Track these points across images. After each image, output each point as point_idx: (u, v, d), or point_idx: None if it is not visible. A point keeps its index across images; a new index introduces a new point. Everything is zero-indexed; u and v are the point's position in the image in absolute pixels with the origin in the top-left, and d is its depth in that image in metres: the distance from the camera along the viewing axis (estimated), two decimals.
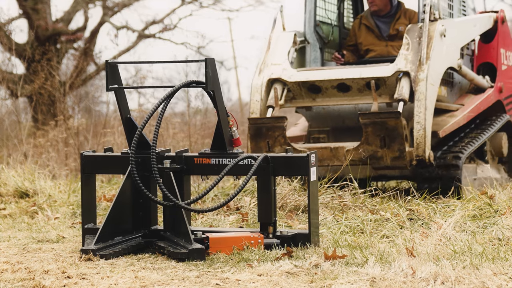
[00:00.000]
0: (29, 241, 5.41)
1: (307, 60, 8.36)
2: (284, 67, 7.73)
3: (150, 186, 4.92)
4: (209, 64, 4.70)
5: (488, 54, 8.88)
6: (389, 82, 7.32)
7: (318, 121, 8.12)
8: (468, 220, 5.27)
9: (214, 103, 4.83)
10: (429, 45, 7.31)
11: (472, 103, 8.25)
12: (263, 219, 4.90)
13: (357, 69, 7.49)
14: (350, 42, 8.57)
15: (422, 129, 7.06)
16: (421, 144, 7.05)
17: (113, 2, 20.40)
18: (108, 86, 4.90)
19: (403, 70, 7.25)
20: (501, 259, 4.25)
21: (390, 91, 7.36)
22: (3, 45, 15.26)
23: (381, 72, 7.36)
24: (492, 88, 8.61)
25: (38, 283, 3.96)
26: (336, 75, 7.52)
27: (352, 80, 7.45)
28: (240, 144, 5.01)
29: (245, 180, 4.68)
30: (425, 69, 7.19)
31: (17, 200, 7.47)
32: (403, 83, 7.20)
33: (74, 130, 12.44)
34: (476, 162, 8.31)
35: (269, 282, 3.87)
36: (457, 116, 7.92)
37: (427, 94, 7.12)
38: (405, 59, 7.30)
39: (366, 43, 8.37)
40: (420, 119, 7.08)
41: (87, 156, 5.10)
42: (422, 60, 7.23)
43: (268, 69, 7.74)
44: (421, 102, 7.12)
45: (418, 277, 3.83)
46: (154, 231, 5.01)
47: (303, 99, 7.74)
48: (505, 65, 9.01)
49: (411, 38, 7.44)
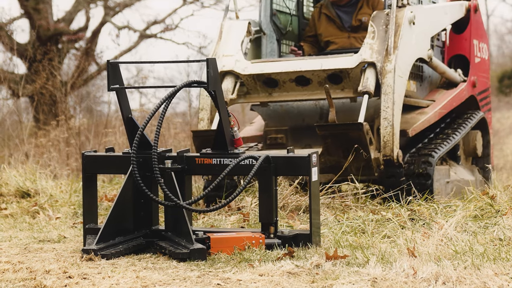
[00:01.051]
0: (30, 241, 5.42)
1: (263, 52, 7.65)
2: (237, 58, 7.02)
3: (152, 186, 4.92)
4: (211, 64, 4.70)
5: (460, 45, 8.24)
6: (353, 74, 6.66)
7: (275, 120, 7.39)
8: (469, 220, 5.27)
9: (216, 103, 4.83)
10: (397, 33, 6.64)
11: (443, 99, 7.60)
12: (264, 219, 4.90)
13: (318, 60, 6.83)
14: (309, 33, 7.85)
15: (389, 126, 6.38)
16: (388, 142, 6.38)
17: (115, 2, 20.43)
18: (109, 86, 4.90)
19: (368, 61, 6.57)
20: (502, 259, 4.25)
21: (354, 84, 6.69)
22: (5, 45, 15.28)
23: (344, 63, 6.67)
24: (465, 82, 7.97)
25: (39, 283, 3.96)
26: (295, 67, 6.82)
27: (312, 73, 6.77)
28: (241, 144, 5.01)
29: (247, 180, 4.68)
30: (392, 59, 6.53)
31: (19, 200, 7.48)
32: (368, 74, 6.53)
33: (75, 130, 12.45)
34: (449, 163, 7.68)
35: (270, 282, 3.87)
36: (428, 113, 7.25)
37: (395, 87, 6.47)
38: (371, 48, 6.64)
39: (327, 35, 7.68)
40: (388, 114, 6.41)
41: (88, 156, 5.10)
42: (389, 49, 6.57)
43: (219, 61, 6.97)
44: (389, 96, 6.45)
45: (420, 277, 3.82)
46: (156, 231, 5.01)
47: (258, 94, 7.04)
48: (478, 58, 8.37)
49: (377, 26, 6.76)
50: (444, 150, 7.07)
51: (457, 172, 7.59)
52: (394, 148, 6.37)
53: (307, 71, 6.76)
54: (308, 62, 6.84)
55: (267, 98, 7.03)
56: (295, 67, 6.79)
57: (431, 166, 6.72)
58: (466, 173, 7.86)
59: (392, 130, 6.36)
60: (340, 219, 5.61)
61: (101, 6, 20.30)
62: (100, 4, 20.33)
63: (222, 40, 7.21)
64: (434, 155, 6.83)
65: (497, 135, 21.45)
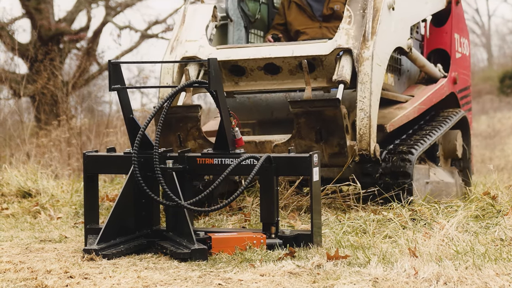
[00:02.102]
0: (31, 241, 5.42)
1: (230, 41, 7.09)
2: (201, 44, 6.47)
3: (153, 186, 4.92)
4: (212, 64, 4.70)
5: (440, 39, 7.73)
6: (326, 62, 6.10)
7: (242, 113, 6.69)
8: (470, 221, 5.26)
9: (217, 103, 4.83)
10: (375, 19, 6.11)
11: (423, 94, 7.05)
12: (265, 219, 4.89)
13: (289, 47, 6.24)
14: (279, 20, 7.30)
15: (366, 118, 5.87)
16: (365, 135, 5.87)
17: (116, 2, 20.44)
18: (110, 86, 4.90)
19: (344, 47, 6.03)
20: (503, 259, 4.25)
21: (328, 73, 6.14)
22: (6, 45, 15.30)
23: (317, 50, 6.12)
24: (445, 78, 7.46)
25: (41, 283, 3.96)
26: (263, 54, 6.23)
27: (283, 60, 6.20)
28: (243, 144, 5.01)
29: (248, 180, 4.68)
30: (370, 46, 5.99)
31: (20, 200, 7.48)
32: (344, 62, 5.99)
33: (76, 130, 12.46)
34: (427, 163, 7.11)
35: (271, 282, 3.88)
36: (407, 109, 6.69)
37: (372, 76, 5.93)
38: (347, 34, 6.10)
39: (297, 24, 7.15)
40: (364, 105, 5.89)
41: (90, 156, 5.11)
42: (367, 35, 6.04)
43: (181, 47, 6.49)
44: (366, 86, 5.92)
45: (421, 278, 3.82)
46: (157, 231, 5.01)
47: (224, 83, 6.39)
48: (459, 53, 7.87)
49: (354, 10, 6.23)
50: (424, 147, 6.60)
51: (436, 173, 7.07)
52: (371, 141, 5.89)
53: (277, 58, 6.20)
54: (278, 49, 6.26)
55: (234, 88, 6.48)
56: (264, 53, 6.24)
57: (410, 163, 6.25)
58: (446, 175, 7.36)
59: (369, 122, 5.87)
60: (341, 219, 5.61)
61: (102, 6, 20.32)
62: (101, 4, 20.34)
63: (185, 24, 6.69)
64: (414, 150, 6.39)
65: (498, 136, 21.46)
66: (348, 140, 5.79)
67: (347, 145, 5.75)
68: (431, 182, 6.77)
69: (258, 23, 7.36)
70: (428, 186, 6.69)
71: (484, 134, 21.98)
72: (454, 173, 7.58)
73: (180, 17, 6.78)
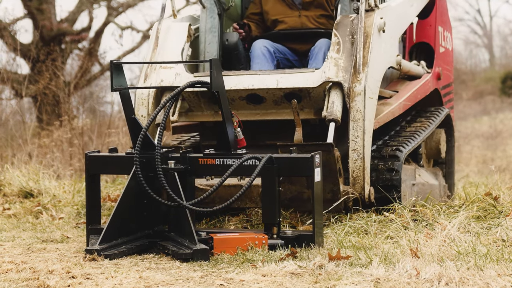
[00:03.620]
0: (33, 241, 5.43)
1: (201, 29, 6.52)
2: (177, 71, 5.96)
3: (155, 186, 4.93)
4: (214, 64, 4.70)
5: (424, 32, 7.29)
6: (314, 93, 5.70)
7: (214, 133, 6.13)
8: (472, 221, 5.26)
9: (219, 103, 4.83)
10: (366, 46, 5.67)
11: (408, 90, 6.59)
12: (267, 220, 4.90)
13: (273, 77, 5.78)
14: (254, 9, 6.76)
15: (360, 159, 5.46)
16: (358, 178, 5.46)
17: (118, 3, 20.47)
18: (112, 87, 4.91)
19: (333, 81, 5.59)
20: (505, 260, 4.25)
21: (316, 104, 5.75)
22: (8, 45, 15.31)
23: (304, 82, 5.68)
24: (429, 73, 7.04)
25: (43, 283, 3.97)
26: (246, 84, 5.78)
27: (267, 91, 5.77)
28: (244, 145, 5.01)
29: (250, 181, 4.68)
30: (362, 78, 5.55)
31: (22, 200, 7.49)
32: (334, 97, 5.56)
33: (78, 130, 12.47)
34: (412, 164, 6.70)
35: (273, 283, 3.88)
36: (392, 105, 6.21)
37: (365, 113, 5.50)
38: (336, 65, 5.63)
39: (274, 13, 6.63)
40: (358, 145, 5.47)
41: (91, 156, 5.11)
42: (358, 66, 5.58)
43: (156, 74, 6.00)
44: (358, 124, 5.50)
45: (422, 278, 3.83)
46: (159, 232, 5.01)
47: (202, 112, 6.00)
48: (443, 47, 7.45)
49: (342, 35, 5.75)
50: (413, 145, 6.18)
51: (421, 175, 6.67)
52: (366, 185, 5.48)
53: (260, 89, 5.78)
54: (262, 79, 5.79)
55: (213, 117, 6.00)
56: (247, 84, 5.78)
57: (398, 161, 5.84)
58: (430, 176, 6.97)
59: (363, 164, 5.46)
60: (343, 219, 5.62)
61: (104, 6, 20.34)
62: (103, 5, 20.37)
63: (159, 47, 6.17)
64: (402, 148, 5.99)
65: (500, 136, 21.46)
66: (341, 185, 5.42)
67: (340, 190, 5.39)
68: (417, 184, 6.41)
69: (232, 12, 6.83)
70: (414, 188, 6.33)
71: (486, 135, 21.98)
72: (438, 174, 7.27)
73: (152, 39, 6.23)
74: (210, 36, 6.50)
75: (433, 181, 6.93)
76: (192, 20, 6.54)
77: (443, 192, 7.17)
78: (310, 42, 6.39)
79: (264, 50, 6.39)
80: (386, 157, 5.87)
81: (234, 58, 6.44)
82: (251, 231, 5.04)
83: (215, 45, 6.49)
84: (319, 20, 6.58)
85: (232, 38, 6.52)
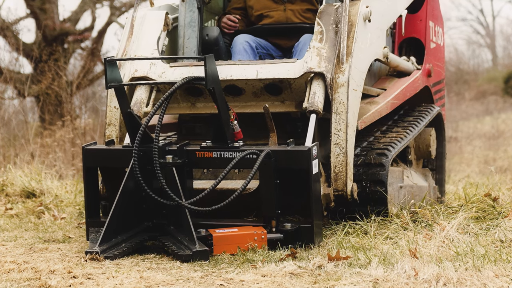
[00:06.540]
0: (35, 241, 5.45)
1: (180, 23, 6.24)
2: (152, 61, 5.67)
3: (153, 179, 4.88)
4: (208, 61, 4.70)
5: (414, 27, 6.97)
6: (295, 85, 5.42)
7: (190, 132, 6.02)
8: (471, 222, 5.28)
9: (215, 99, 4.83)
10: (350, 36, 5.38)
11: (396, 88, 6.25)
12: (266, 213, 4.87)
13: (253, 67, 5.48)
14: (237, 4, 6.50)
15: (342, 154, 5.16)
16: (340, 174, 5.15)
17: (121, 2, 20.48)
18: (107, 84, 4.86)
19: (315, 71, 5.30)
20: (503, 261, 4.27)
21: (297, 96, 5.48)
22: (11, 45, 15.34)
23: (285, 72, 5.40)
24: (419, 70, 6.71)
25: (44, 283, 3.99)
26: (224, 75, 5.45)
27: (246, 82, 5.47)
28: (241, 137, 5.00)
29: (249, 177, 4.67)
30: (345, 69, 5.27)
31: (24, 200, 7.51)
32: (315, 88, 5.27)
33: (81, 130, 12.50)
34: (400, 165, 6.32)
35: (273, 283, 3.90)
36: (379, 103, 5.89)
37: (348, 105, 5.21)
38: (318, 55, 5.35)
39: (259, 8, 6.39)
40: (340, 139, 5.18)
41: (88, 149, 5.10)
42: (342, 57, 5.29)
43: (130, 64, 5.72)
44: (341, 116, 5.20)
45: (421, 279, 3.85)
46: (158, 225, 4.99)
47: (179, 104, 5.73)
48: (434, 43, 7.14)
49: (325, 24, 5.47)
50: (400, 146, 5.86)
51: (409, 176, 6.32)
52: (348, 181, 5.17)
53: (239, 80, 5.48)
54: (240, 69, 5.50)
55: (190, 110, 5.73)
56: (225, 74, 5.47)
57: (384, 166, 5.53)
58: (419, 177, 6.64)
59: (345, 158, 5.15)
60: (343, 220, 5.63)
61: (107, 6, 20.35)
62: (106, 4, 20.38)
63: (134, 36, 5.89)
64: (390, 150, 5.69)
65: (502, 136, 21.43)
66: (322, 187, 5.11)
67: (321, 194, 5.00)
68: (404, 187, 6.07)
69: (213, 5, 6.58)
70: (402, 191, 6.01)
71: (488, 135, 21.96)
72: (428, 175, 6.96)
73: (127, 27, 5.94)
74: (189, 30, 6.22)
75: (423, 183, 6.64)
76: (170, 9, 6.25)
77: (433, 194, 6.91)
78: (295, 38, 6.19)
79: (246, 45, 6.20)
80: (371, 163, 5.57)
81: (215, 53, 6.07)
82: (249, 224, 4.99)
83: (195, 40, 6.23)
84: (305, 14, 6.37)
85: (212, 32, 6.30)
